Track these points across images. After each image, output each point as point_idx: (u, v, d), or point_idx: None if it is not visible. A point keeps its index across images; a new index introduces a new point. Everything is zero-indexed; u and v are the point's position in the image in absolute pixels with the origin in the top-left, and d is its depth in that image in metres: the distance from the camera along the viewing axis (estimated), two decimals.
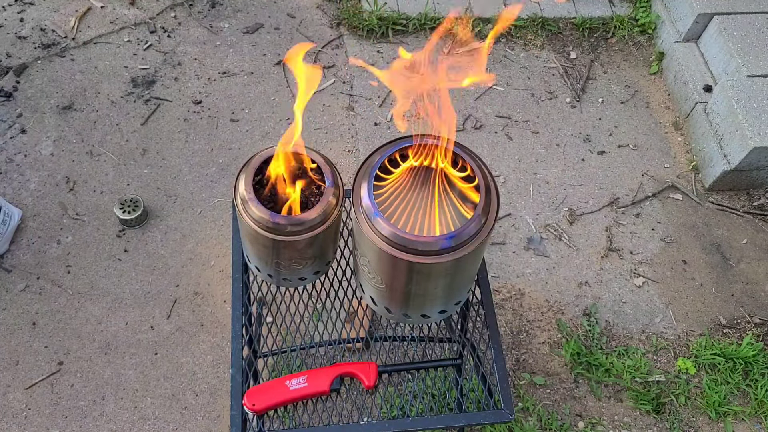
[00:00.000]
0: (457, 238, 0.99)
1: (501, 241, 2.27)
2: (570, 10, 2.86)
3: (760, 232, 2.36)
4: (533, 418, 1.94)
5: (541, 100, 2.63)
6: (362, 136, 2.46)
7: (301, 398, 1.26)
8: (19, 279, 2.06)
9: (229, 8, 2.78)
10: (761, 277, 2.26)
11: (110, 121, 2.41)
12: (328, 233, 1.14)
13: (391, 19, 2.73)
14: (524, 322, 2.12)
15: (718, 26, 2.52)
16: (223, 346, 2.00)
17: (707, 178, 2.44)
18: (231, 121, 2.46)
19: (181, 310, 2.05)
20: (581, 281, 2.21)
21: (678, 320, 2.16)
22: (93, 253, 2.12)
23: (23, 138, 2.34)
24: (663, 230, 2.34)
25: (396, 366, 1.37)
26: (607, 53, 2.81)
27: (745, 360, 2.05)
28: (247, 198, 1.09)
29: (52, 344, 1.96)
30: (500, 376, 1.27)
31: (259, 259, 1.20)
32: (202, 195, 2.27)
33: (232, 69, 2.59)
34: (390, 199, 1.06)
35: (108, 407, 1.88)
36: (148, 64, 2.57)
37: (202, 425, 1.87)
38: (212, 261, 2.14)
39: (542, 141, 2.52)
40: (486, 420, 1.24)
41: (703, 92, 2.52)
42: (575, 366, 2.03)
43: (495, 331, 1.31)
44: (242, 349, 1.28)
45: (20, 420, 1.85)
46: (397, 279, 1.07)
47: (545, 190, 2.40)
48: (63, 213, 2.19)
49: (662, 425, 1.96)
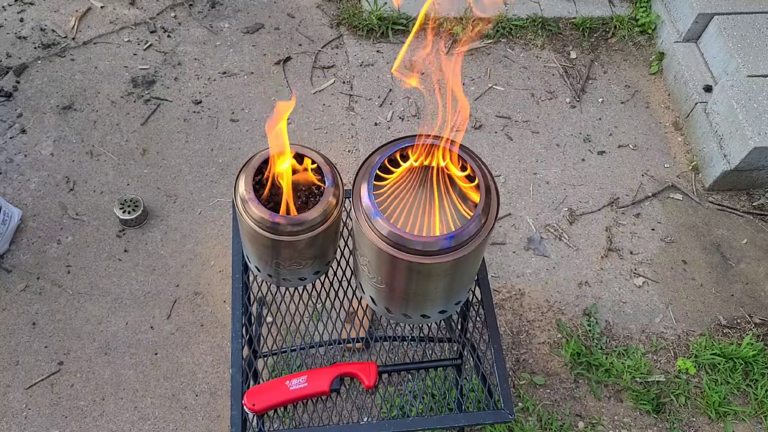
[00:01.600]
0: (457, 238, 0.99)
1: (501, 241, 2.27)
2: (570, 10, 2.86)
3: (760, 232, 2.36)
4: (533, 418, 1.94)
5: (541, 100, 2.63)
6: (362, 136, 2.46)
7: (301, 398, 1.26)
8: (19, 279, 2.06)
9: (229, 8, 2.78)
10: (761, 277, 2.26)
11: (110, 121, 2.41)
12: (328, 233, 1.14)
13: (391, 19, 2.73)
14: (524, 322, 2.12)
15: (718, 26, 2.52)
16: (223, 346, 2.00)
17: (707, 178, 2.44)
18: (231, 121, 2.46)
19: (181, 310, 2.05)
20: (581, 281, 2.21)
21: (678, 320, 2.16)
22: (93, 253, 2.12)
23: (23, 138, 2.34)
24: (663, 230, 2.34)
25: (396, 366, 1.37)
26: (607, 53, 2.81)
27: (745, 360, 2.05)
28: (247, 198, 1.09)
29: (52, 344, 1.96)
30: (500, 376, 1.27)
31: (259, 259, 1.20)
32: (202, 195, 2.27)
33: (232, 69, 2.59)
34: (390, 199, 1.06)
35: (108, 407, 1.88)
36: (148, 64, 2.57)
37: (202, 425, 1.87)
38: (212, 261, 2.14)
39: (542, 141, 2.52)
40: (486, 420, 1.24)
41: (703, 92, 2.52)
42: (575, 366, 2.03)
43: (495, 331, 1.31)
44: (242, 349, 1.28)
45: (20, 420, 1.85)
46: (397, 279, 1.07)
47: (545, 190, 2.40)
48: (63, 213, 2.19)
49: (662, 425, 1.96)
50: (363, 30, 2.72)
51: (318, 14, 2.80)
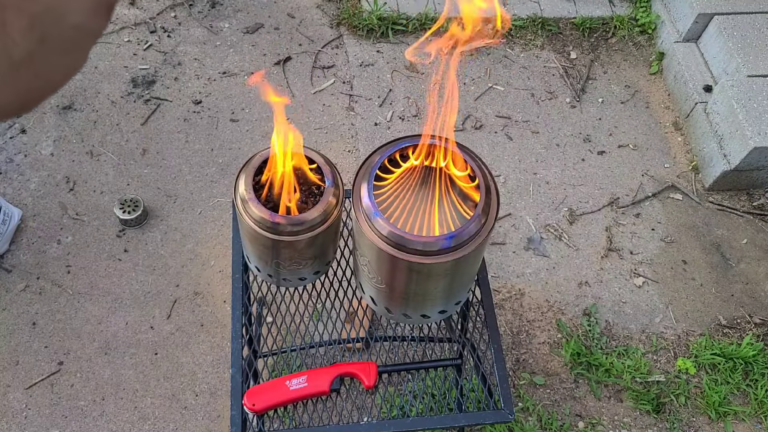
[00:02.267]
0: (457, 238, 0.99)
1: (501, 241, 2.27)
2: (570, 10, 2.86)
3: (760, 232, 2.36)
4: (533, 418, 1.94)
5: (541, 100, 2.63)
6: (362, 136, 2.46)
7: (301, 398, 1.26)
8: (19, 279, 2.06)
9: (229, 8, 2.78)
10: (761, 277, 2.26)
11: (110, 121, 2.41)
12: (328, 233, 1.14)
13: (391, 19, 2.73)
14: (524, 322, 2.12)
15: (718, 26, 2.52)
16: (223, 346, 2.00)
17: (707, 178, 2.44)
18: (231, 121, 2.46)
19: (181, 310, 2.05)
20: (581, 281, 2.21)
21: (678, 320, 2.16)
22: (93, 253, 2.12)
23: (23, 138, 2.34)
24: (663, 230, 2.34)
25: (396, 366, 1.37)
26: (607, 53, 2.81)
27: (745, 360, 2.05)
28: (247, 198, 1.09)
29: (52, 344, 1.96)
30: (500, 376, 1.27)
31: (259, 259, 1.20)
32: (202, 195, 2.27)
33: (232, 69, 2.59)
34: (390, 199, 1.06)
35: (108, 407, 1.88)
36: (148, 64, 2.57)
37: (202, 425, 1.87)
38: (212, 261, 2.14)
39: (542, 141, 2.52)
40: (486, 420, 1.24)
41: (703, 92, 2.52)
42: (575, 366, 2.03)
43: (495, 331, 1.31)
44: (242, 349, 1.28)
45: (20, 420, 1.85)
46: (397, 279, 1.07)
47: (545, 190, 2.40)
48: (63, 213, 2.19)
49: (662, 425, 1.96)
50: (363, 30, 2.72)
51: (318, 14, 2.80)
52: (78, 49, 0.35)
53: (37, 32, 0.31)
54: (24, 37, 0.31)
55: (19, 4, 0.30)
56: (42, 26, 0.31)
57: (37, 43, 0.31)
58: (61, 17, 0.32)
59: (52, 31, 0.32)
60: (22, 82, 0.33)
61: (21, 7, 0.30)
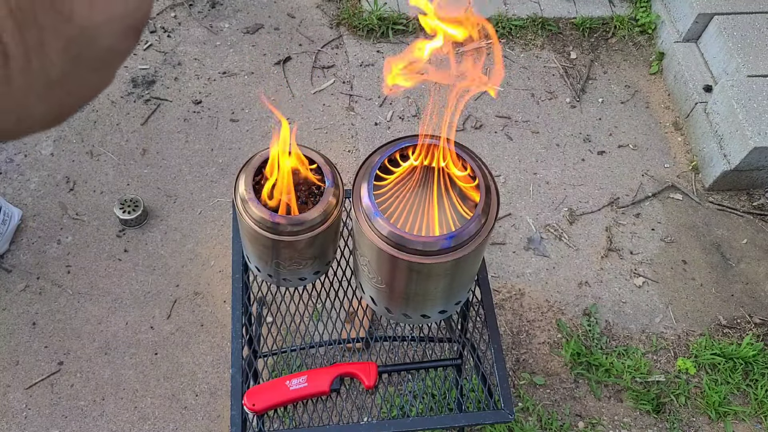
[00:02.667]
0: (457, 238, 0.99)
1: (501, 241, 2.27)
2: (570, 10, 2.86)
3: (760, 232, 2.36)
4: (533, 418, 1.94)
5: (541, 100, 2.63)
6: (362, 136, 2.46)
7: (301, 398, 1.26)
8: (19, 279, 2.06)
9: (229, 8, 2.78)
10: (761, 277, 2.26)
11: (110, 121, 2.41)
12: (328, 233, 1.14)
13: (391, 19, 2.73)
14: (524, 322, 2.12)
15: (718, 26, 2.52)
16: (223, 346, 2.00)
17: (707, 178, 2.44)
18: (231, 121, 2.46)
19: (181, 310, 2.05)
20: (581, 281, 2.21)
21: (678, 320, 2.16)
22: (93, 253, 2.12)
23: (23, 138, 2.34)
24: (663, 230, 2.34)
25: (396, 366, 1.37)
26: (607, 53, 2.81)
27: (745, 360, 2.05)
28: (247, 198, 1.09)
29: (52, 344, 1.96)
30: (500, 376, 1.27)
31: (259, 259, 1.20)
32: (202, 195, 2.27)
33: (232, 69, 2.59)
34: (390, 199, 1.06)
35: (108, 407, 1.88)
36: (148, 64, 2.57)
37: (202, 425, 1.87)
38: (212, 261, 2.14)
39: (542, 141, 2.52)
40: (486, 420, 1.24)
41: (703, 92, 2.51)
42: (575, 366, 2.03)
43: (495, 331, 1.31)
44: (242, 349, 1.28)
45: (20, 420, 1.85)
46: (397, 279, 1.07)
47: (545, 190, 2.40)
48: (63, 213, 2.19)
49: (662, 425, 1.96)
50: (363, 30, 2.72)
51: (318, 14, 2.80)
52: (107, 68, 0.38)
53: (72, 53, 0.34)
54: (60, 57, 0.33)
55: (56, 26, 0.32)
56: (77, 48, 0.34)
57: (71, 64, 0.34)
58: (94, 40, 0.34)
59: (85, 53, 0.34)
60: (56, 98, 0.35)
61: (58, 30, 0.32)
